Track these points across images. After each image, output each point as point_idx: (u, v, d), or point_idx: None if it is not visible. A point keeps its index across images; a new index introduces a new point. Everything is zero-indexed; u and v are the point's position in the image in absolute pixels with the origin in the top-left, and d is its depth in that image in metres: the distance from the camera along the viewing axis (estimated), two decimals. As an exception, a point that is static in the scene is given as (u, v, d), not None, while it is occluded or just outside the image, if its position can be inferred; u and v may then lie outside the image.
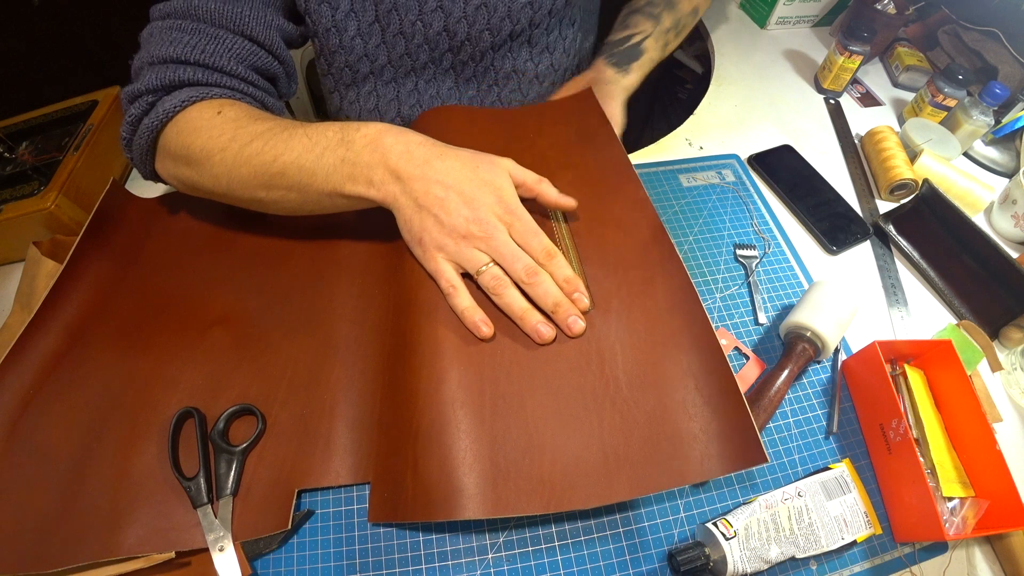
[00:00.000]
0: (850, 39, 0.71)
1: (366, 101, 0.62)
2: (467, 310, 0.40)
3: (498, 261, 0.40)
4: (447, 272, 0.41)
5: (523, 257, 0.40)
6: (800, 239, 0.59)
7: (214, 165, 0.43)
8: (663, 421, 0.38)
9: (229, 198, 0.46)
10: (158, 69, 0.44)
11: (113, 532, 0.35)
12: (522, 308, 0.40)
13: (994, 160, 0.69)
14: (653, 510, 0.40)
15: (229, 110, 0.44)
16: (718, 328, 0.50)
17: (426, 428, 0.37)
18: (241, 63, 0.47)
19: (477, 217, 0.40)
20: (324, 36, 0.55)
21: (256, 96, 0.49)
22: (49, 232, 0.52)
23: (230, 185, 0.43)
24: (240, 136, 0.42)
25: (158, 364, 0.43)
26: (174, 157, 0.45)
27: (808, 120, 0.73)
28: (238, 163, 0.42)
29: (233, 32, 0.47)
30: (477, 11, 0.54)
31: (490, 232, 0.40)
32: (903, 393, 0.45)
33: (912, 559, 0.40)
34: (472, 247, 0.40)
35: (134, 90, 0.45)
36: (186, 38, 0.45)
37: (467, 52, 0.58)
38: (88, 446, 0.39)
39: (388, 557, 0.37)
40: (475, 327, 0.40)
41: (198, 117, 0.44)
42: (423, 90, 0.61)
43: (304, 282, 0.48)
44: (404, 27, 0.54)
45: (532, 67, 0.64)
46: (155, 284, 0.49)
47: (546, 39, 0.62)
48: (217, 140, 0.42)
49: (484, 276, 0.40)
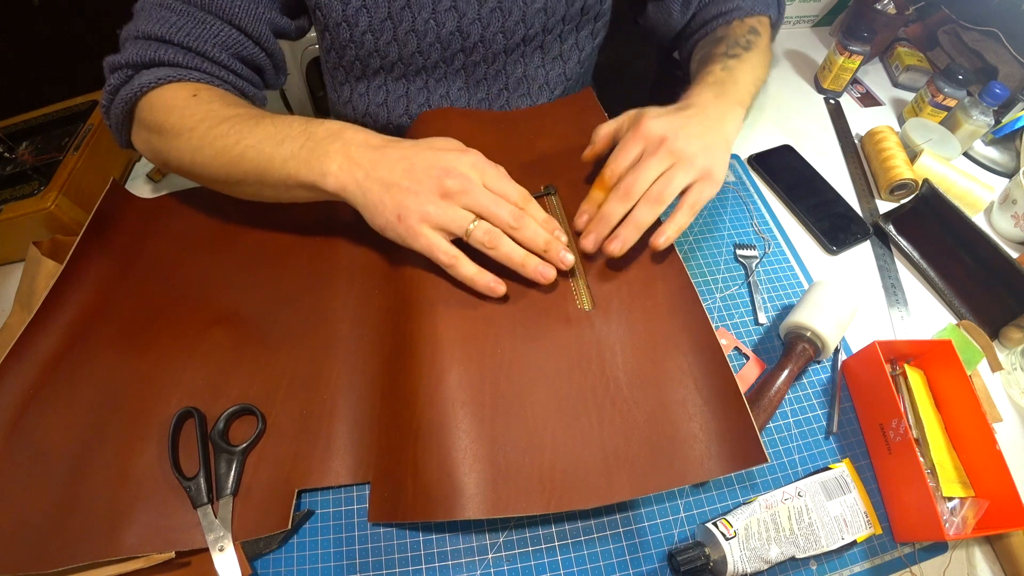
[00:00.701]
0: (850, 39, 0.71)
1: (375, 95, 0.62)
2: (476, 276, 0.40)
3: (481, 213, 0.40)
4: (440, 243, 0.40)
5: (505, 204, 0.40)
6: (800, 239, 0.59)
7: (181, 143, 0.44)
8: (663, 421, 0.38)
9: (194, 176, 0.47)
10: (141, 44, 0.45)
11: (113, 532, 0.35)
12: (522, 255, 0.41)
13: (994, 160, 0.69)
14: (653, 510, 0.40)
15: (205, 93, 0.45)
16: (718, 328, 0.50)
17: (426, 428, 0.37)
18: (225, 51, 0.47)
19: (449, 169, 0.39)
20: (334, 30, 0.54)
21: (236, 84, 0.49)
22: (49, 232, 0.52)
23: (193, 162, 0.44)
24: (209, 118, 0.43)
25: (158, 364, 0.43)
26: (147, 128, 0.46)
27: (808, 120, 0.73)
28: (204, 143, 0.43)
29: (221, 19, 0.47)
30: (492, 13, 0.54)
31: (467, 185, 0.39)
32: (903, 393, 0.45)
33: (912, 559, 0.40)
34: (453, 204, 0.39)
35: (115, 61, 0.46)
36: (173, 18, 0.45)
37: (479, 54, 0.58)
38: (88, 446, 0.39)
39: (388, 557, 0.37)
40: (490, 290, 0.40)
41: (173, 96, 0.45)
42: (433, 89, 0.61)
43: (304, 282, 0.48)
44: (416, 25, 0.54)
45: (543, 74, 0.63)
46: (155, 284, 0.49)
47: (559, 47, 0.62)
48: (188, 119, 0.43)
49: (475, 233, 0.40)
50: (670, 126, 0.43)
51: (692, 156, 0.43)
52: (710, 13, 0.61)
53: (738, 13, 0.59)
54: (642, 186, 0.42)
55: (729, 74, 0.51)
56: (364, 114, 0.64)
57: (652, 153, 0.43)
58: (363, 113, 0.64)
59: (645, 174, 0.42)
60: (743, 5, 0.59)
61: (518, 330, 0.41)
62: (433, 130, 0.57)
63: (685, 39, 0.65)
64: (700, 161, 0.43)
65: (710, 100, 0.47)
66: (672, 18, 0.63)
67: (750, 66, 0.54)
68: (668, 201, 0.43)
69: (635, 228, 0.43)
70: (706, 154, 0.43)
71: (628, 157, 0.44)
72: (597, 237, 0.44)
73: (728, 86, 0.50)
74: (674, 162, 0.43)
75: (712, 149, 0.44)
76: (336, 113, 0.69)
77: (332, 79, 0.65)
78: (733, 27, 0.59)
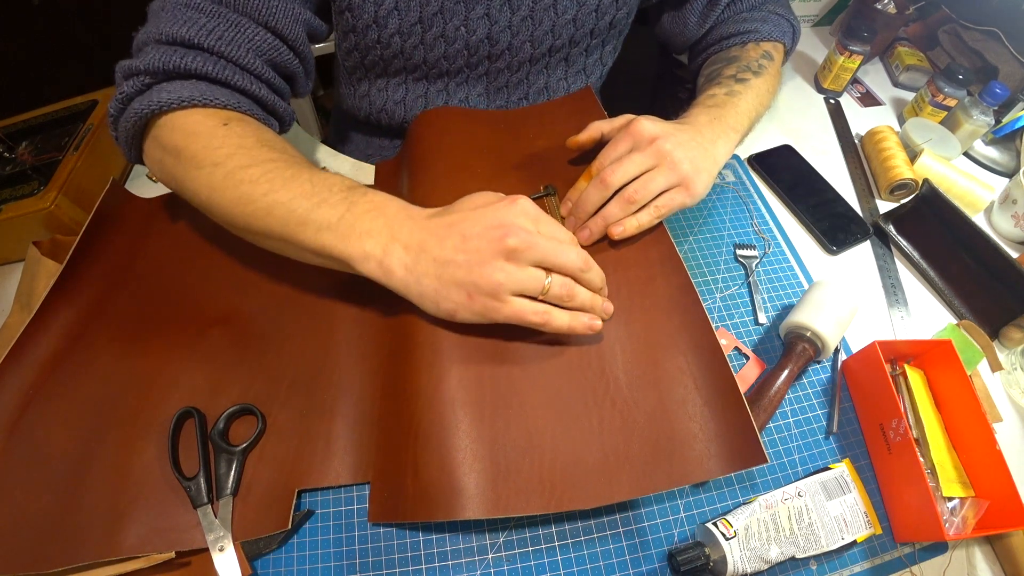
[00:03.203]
0: (850, 39, 0.71)
1: (394, 92, 0.61)
2: (572, 321, 0.37)
3: (551, 266, 0.37)
4: (525, 308, 0.36)
5: (568, 248, 0.37)
6: (800, 239, 0.59)
7: (201, 175, 0.39)
8: (663, 421, 0.38)
9: (206, 211, 0.42)
10: (164, 50, 0.40)
11: (113, 532, 0.35)
12: (591, 301, 0.38)
13: (994, 160, 0.69)
14: (653, 510, 0.40)
15: (237, 125, 0.41)
16: (718, 328, 0.50)
17: (426, 428, 0.37)
18: (259, 57, 0.43)
19: (505, 226, 0.35)
20: (363, 32, 0.52)
21: (267, 100, 0.45)
22: (49, 232, 0.52)
23: (211, 200, 0.40)
24: (239, 156, 0.39)
25: (158, 364, 0.43)
26: (163, 148, 0.41)
27: (808, 120, 0.73)
28: (228, 184, 0.38)
29: (256, 22, 0.42)
30: (523, 22, 0.54)
31: (530, 239, 0.35)
32: (903, 393, 0.45)
33: (912, 559, 0.40)
34: (521, 264, 0.36)
35: (132, 66, 0.40)
36: (203, 20, 0.40)
37: (504, 61, 0.58)
38: (88, 446, 0.39)
39: (388, 557, 0.37)
40: (590, 328, 0.38)
41: (200, 122, 0.40)
42: (452, 92, 0.61)
43: (304, 282, 0.48)
44: (447, 31, 0.53)
45: (565, 86, 0.63)
46: (155, 284, 0.49)
47: (584, 60, 0.62)
48: (214, 152, 0.39)
49: (553, 290, 0.36)
50: (663, 130, 0.44)
51: (677, 161, 0.43)
52: (727, 31, 0.61)
53: (754, 36, 0.59)
54: (620, 178, 0.43)
55: (731, 99, 0.52)
56: (380, 110, 0.63)
57: (639, 150, 0.44)
58: (379, 109, 0.63)
59: (627, 168, 0.43)
60: (761, 29, 0.59)
61: (518, 330, 0.41)
62: (434, 129, 0.57)
63: (698, 51, 0.66)
64: (684, 168, 0.43)
65: (705, 123, 0.48)
66: (687, 29, 0.63)
67: (755, 93, 0.54)
68: (641, 202, 0.43)
69: (603, 220, 0.44)
70: (691, 164, 0.44)
71: (616, 152, 0.45)
72: (572, 224, 0.46)
73: (727, 110, 0.50)
74: (658, 163, 0.43)
75: (698, 162, 0.44)
76: (344, 109, 0.68)
77: (349, 76, 0.63)
78: (748, 49, 0.59)
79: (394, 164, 0.60)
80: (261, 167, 0.38)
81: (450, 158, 0.53)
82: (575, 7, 0.54)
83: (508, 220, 0.36)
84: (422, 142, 0.56)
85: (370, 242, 0.36)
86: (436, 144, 0.55)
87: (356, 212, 0.37)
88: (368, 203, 0.38)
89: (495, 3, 0.52)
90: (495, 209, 0.37)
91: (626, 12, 0.59)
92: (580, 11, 0.55)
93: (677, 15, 0.63)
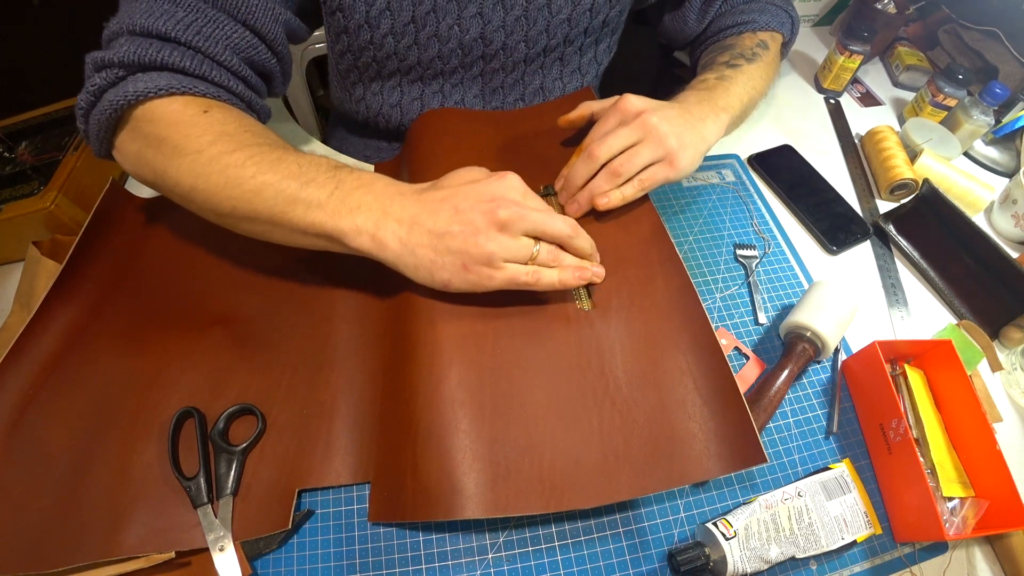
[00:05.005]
0: (850, 38, 0.71)
1: (390, 95, 0.61)
2: (560, 276, 0.39)
3: (541, 235, 0.39)
4: (517, 272, 0.38)
5: (556, 217, 0.39)
6: (800, 239, 0.59)
7: (184, 163, 0.38)
8: (663, 421, 0.38)
9: (189, 203, 0.41)
10: (139, 42, 0.39)
11: (113, 532, 0.35)
12: (580, 262, 0.41)
13: (994, 160, 0.69)
14: (653, 510, 0.40)
15: (219, 112, 0.40)
16: (718, 328, 0.50)
17: (426, 428, 0.37)
18: (236, 54, 0.42)
19: (496, 198, 0.37)
20: (355, 32, 0.52)
21: (243, 95, 0.44)
22: (49, 232, 0.52)
23: (194, 188, 0.39)
24: (223, 142, 0.38)
25: (158, 364, 0.43)
26: (143, 138, 0.40)
27: (808, 120, 0.73)
28: (213, 170, 0.38)
29: (235, 19, 0.42)
30: (516, 22, 0.54)
31: (520, 211, 0.37)
32: (903, 393, 0.45)
33: (912, 559, 0.40)
34: (515, 235, 0.38)
35: (105, 58, 0.39)
36: (180, 13, 0.39)
37: (499, 61, 0.58)
38: (88, 446, 0.39)
39: (388, 557, 0.37)
40: (580, 279, 0.40)
41: (180, 111, 0.39)
42: (448, 94, 0.60)
43: (304, 282, 0.48)
44: (440, 30, 0.53)
45: (560, 86, 0.63)
46: (155, 284, 0.49)
47: (579, 59, 0.62)
48: (197, 140, 0.38)
49: (540, 256, 0.38)
50: (649, 105, 0.45)
51: (663, 136, 0.44)
52: (724, 23, 0.61)
53: (751, 26, 0.60)
54: (606, 152, 0.44)
55: (722, 82, 0.52)
56: (377, 114, 0.62)
57: (625, 124, 0.45)
58: (376, 113, 0.62)
59: (612, 142, 0.44)
60: (758, 19, 0.60)
61: (517, 330, 0.41)
62: (434, 130, 0.57)
63: (697, 46, 0.66)
64: (669, 142, 0.44)
65: (695, 102, 0.49)
66: (687, 26, 0.63)
67: (747, 77, 0.54)
68: (627, 175, 0.45)
69: (590, 194, 0.45)
70: (677, 138, 0.45)
71: (605, 127, 0.46)
72: (564, 197, 0.48)
73: (717, 92, 0.51)
74: (644, 137, 0.44)
75: (684, 138, 0.45)
76: (342, 111, 0.68)
77: (343, 80, 0.63)
78: (743, 38, 0.59)
79: (394, 164, 0.60)
80: (246, 151, 0.38)
81: (450, 158, 0.53)
82: (570, 6, 0.54)
83: (499, 193, 0.38)
84: (422, 142, 0.56)
85: (361, 216, 0.37)
86: (436, 144, 0.55)
87: (345, 189, 0.38)
88: (356, 180, 0.38)
89: (488, 2, 0.52)
90: (486, 184, 0.39)
91: (619, 10, 0.59)
92: (575, 10, 0.55)
93: (677, 14, 0.63)
